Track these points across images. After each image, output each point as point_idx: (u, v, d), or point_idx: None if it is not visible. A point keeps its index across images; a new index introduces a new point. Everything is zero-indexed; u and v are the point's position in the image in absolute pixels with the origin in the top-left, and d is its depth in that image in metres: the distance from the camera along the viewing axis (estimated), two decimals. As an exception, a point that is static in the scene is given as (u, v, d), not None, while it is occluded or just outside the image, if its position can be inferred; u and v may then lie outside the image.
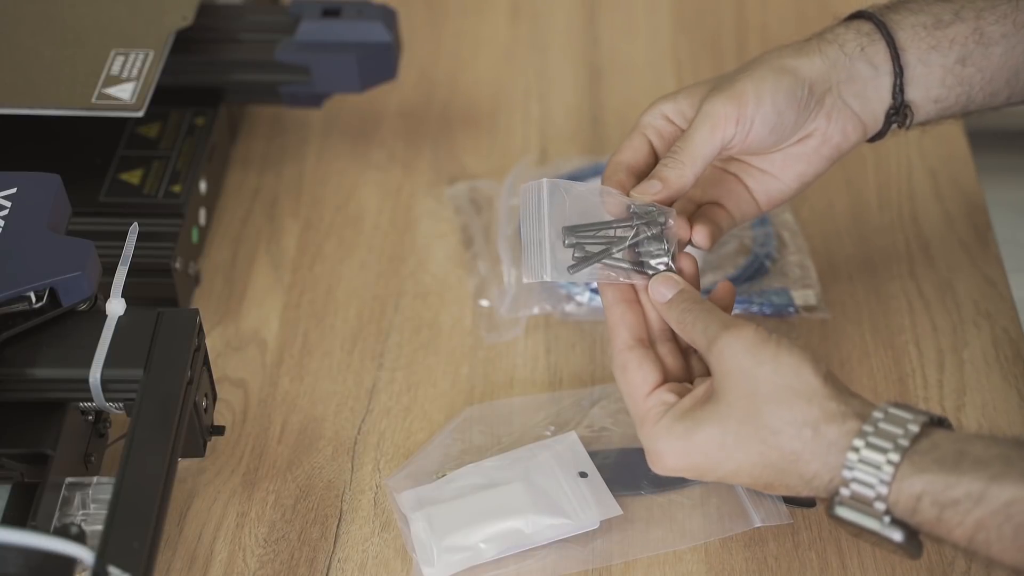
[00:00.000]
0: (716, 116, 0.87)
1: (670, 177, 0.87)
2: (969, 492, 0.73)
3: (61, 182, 0.85)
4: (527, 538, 0.85)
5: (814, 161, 0.91)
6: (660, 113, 0.91)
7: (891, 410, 0.76)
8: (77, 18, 1.04)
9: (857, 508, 0.76)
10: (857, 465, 0.75)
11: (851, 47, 0.89)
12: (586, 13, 1.28)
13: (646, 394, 0.82)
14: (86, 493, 0.79)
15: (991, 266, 1.03)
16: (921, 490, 0.74)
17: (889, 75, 0.90)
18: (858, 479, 0.75)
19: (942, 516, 0.73)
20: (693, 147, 0.87)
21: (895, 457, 0.74)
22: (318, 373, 0.98)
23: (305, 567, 0.87)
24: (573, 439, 0.91)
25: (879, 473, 0.75)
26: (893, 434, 0.75)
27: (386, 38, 1.06)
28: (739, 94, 0.87)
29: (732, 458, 0.78)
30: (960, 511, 0.73)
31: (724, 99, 0.87)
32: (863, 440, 0.75)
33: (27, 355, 0.80)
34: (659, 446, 0.80)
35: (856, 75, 0.89)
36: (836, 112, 0.90)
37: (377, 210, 1.10)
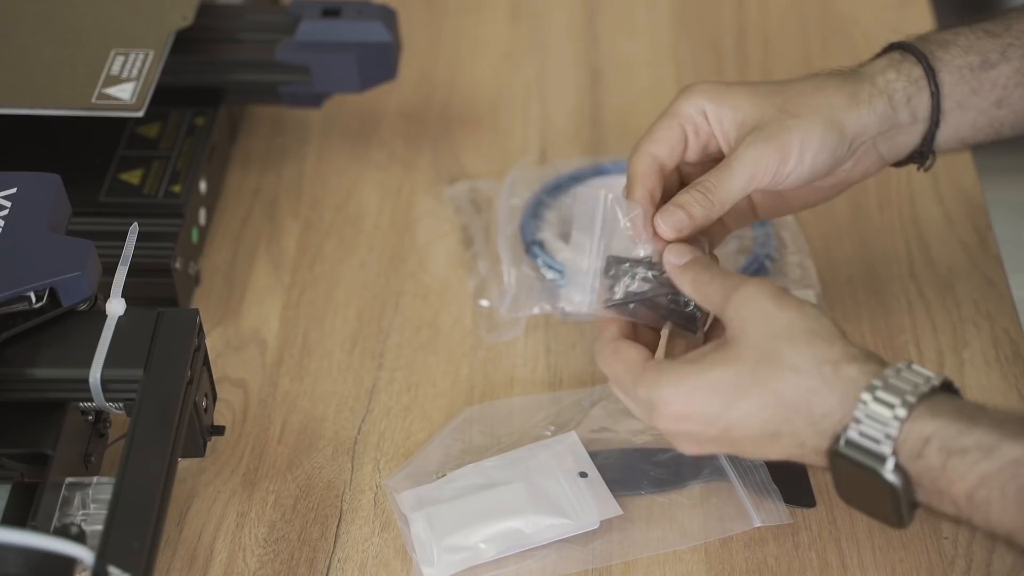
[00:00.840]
0: (757, 165, 0.85)
1: (698, 216, 0.85)
2: (980, 442, 0.72)
3: (61, 182, 0.85)
4: (527, 538, 0.85)
5: (827, 194, 0.91)
6: (701, 109, 0.88)
7: (913, 366, 0.76)
8: (77, 18, 1.04)
9: (862, 447, 0.74)
10: (871, 402, 0.74)
11: (899, 97, 0.87)
12: (586, 13, 1.28)
13: (643, 360, 0.81)
14: (86, 493, 0.79)
15: (991, 266, 1.03)
16: (931, 433, 0.73)
17: (925, 123, 0.88)
18: (871, 415, 0.74)
19: (947, 464, 0.72)
20: (728, 191, 0.85)
21: (911, 399, 0.74)
22: (318, 373, 0.98)
23: (305, 567, 0.87)
24: (573, 439, 0.90)
25: (892, 412, 0.74)
26: (913, 381, 0.75)
27: (386, 38, 1.06)
28: (785, 147, 0.85)
29: (743, 399, 0.76)
30: (967, 461, 0.72)
31: (769, 149, 0.85)
32: (882, 380, 0.75)
33: (27, 355, 0.80)
34: (663, 392, 0.78)
35: (896, 128, 0.88)
36: (864, 158, 0.89)
37: (377, 210, 1.10)
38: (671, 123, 0.88)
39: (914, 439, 0.73)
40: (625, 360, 0.82)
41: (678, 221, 0.85)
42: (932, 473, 0.73)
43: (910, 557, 0.85)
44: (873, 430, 0.74)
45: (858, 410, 0.74)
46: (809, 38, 1.24)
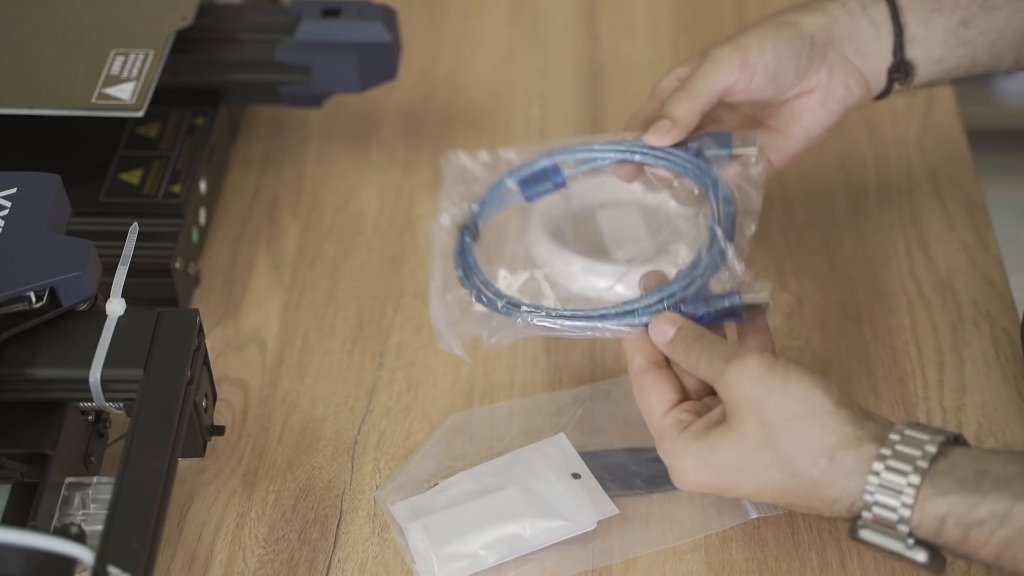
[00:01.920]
0: (720, 60, 0.91)
1: (677, 113, 0.91)
2: (993, 512, 0.73)
3: (61, 182, 0.85)
4: (526, 542, 0.85)
5: (820, 116, 0.95)
6: (676, 77, 0.95)
7: (907, 432, 0.76)
8: (77, 18, 1.04)
9: (880, 531, 0.76)
10: (878, 489, 0.75)
11: (853, 5, 0.93)
12: (586, 13, 1.28)
13: (662, 413, 0.83)
14: (86, 493, 0.79)
15: (991, 266, 1.03)
16: (945, 512, 0.74)
17: (890, 33, 0.93)
18: (880, 503, 0.75)
19: (968, 536, 0.73)
20: (697, 84, 0.91)
21: (915, 480, 0.74)
22: (318, 373, 0.98)
23: (305, 567, 0.87)
24: (562, 440, 0.90)
25: (901, 496, 0.74)
26: (912, 456, 0.75)
27: (386, 38, 1.06)
28: (743, 43, 0.92)
29: (752, 481, 0.79)
30: (985, 531, 0.73)
31: (728, 47, 0.92)
32: (882, 464, 0.75)
33: (27, 355, 0.80)
34: (677, 463, 0.81)
35: (857, 32, 0.93)
36: (838, 67, 0.93)
37: (377, 210, 1.10)
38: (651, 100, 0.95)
39: (929, 520, 0.74)
40: (648, 405, 0.84)
41: (663, 127, 0.91)
42: (955, 544, 0.75)
43: (910, 557, 0.85)
44: (887, 514, 0.75)
45: (867, 496, 0.76)
46: (809, 38, 1.24)
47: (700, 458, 0.80)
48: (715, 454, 0.79)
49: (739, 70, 0.91)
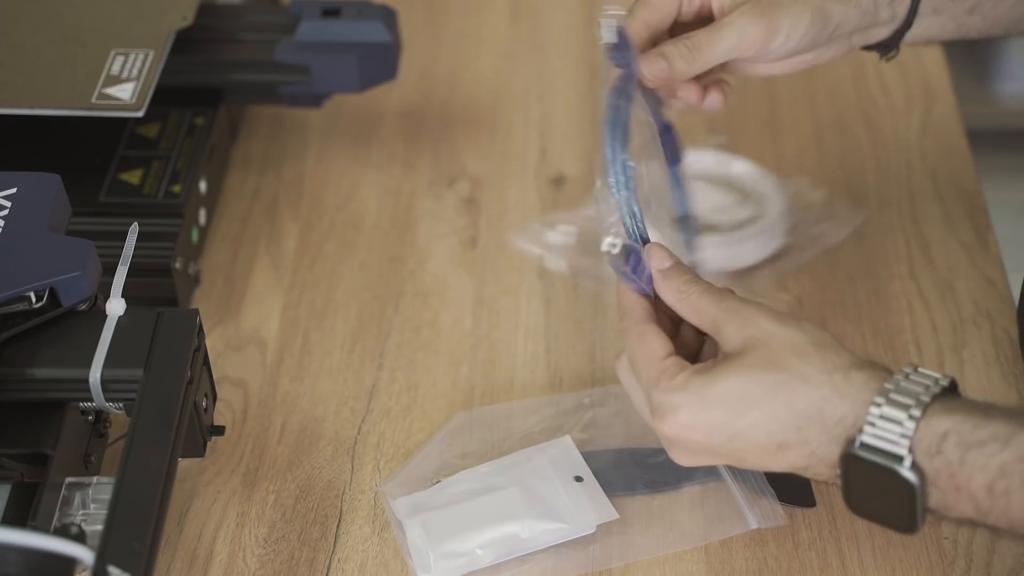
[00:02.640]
0: (744, 35, 0.88)
1: (677, 67, 0.88)
2: (997, 434, 0.72)
3: (61, 182, 0.85)
4: (524, 543, 0.85)
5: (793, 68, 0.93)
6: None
7: (920, 369, 0.77)
8: (77, 18, 1.04)
9: (877, 448, 0.75)
10: (884, 405, 0.75)
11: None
12: (586, 13, 1.28)
13: (663, 356, 0.81)
14: (86, 493, 0.79)
15: (991, 266, 1.03)
16: (948, 428, 0.73)
17: (900, 22, 0.91)
18: (885, 415, 0.74)
19: (965, 458, 0.73)
20: (711, 51, 0.88)
21: (925, 398, 0.74)
22: (318, 373, 0.98)
23: (305, 567, 0.87)
24: (567, 443, 0.90)
25: (907, 412, 0.74)
26: (924, 383, 0.75)
27: (386, 38, 1.06)
28: (774, 24, 0.88)
29: (752, 408, 0.77)
30: (985, 453, 0.72)
31: (759, 23, 0.88)
32: (894, 384, 0.75)
33: (27, 355, 0.80)
34: (674, 399, 0.78)
35: (875, 24, 0.91)
36: (836, 44, 0.92)
37: (377, 210, 1.10)
38: None
39: (931, 436, 0.74)
40: (648, 351, 0.81)
41: (660, 69, 0.88)
42: (951, 468, 0.73)
43: (910, 557, 0.85)
44: (888, 432, 0.74)
45: (871, 414, 0.75)
46: (809, 38, 1.24)
47: (700, 390, 0.78)
48: (718, 383, 0.77)
49: (757, 50, 0.88)
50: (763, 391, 0.77)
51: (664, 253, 0.83)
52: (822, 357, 0.77)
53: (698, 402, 0.78)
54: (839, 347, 0.78)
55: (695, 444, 0.79)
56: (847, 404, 0.76)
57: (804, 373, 0.77)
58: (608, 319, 1.00)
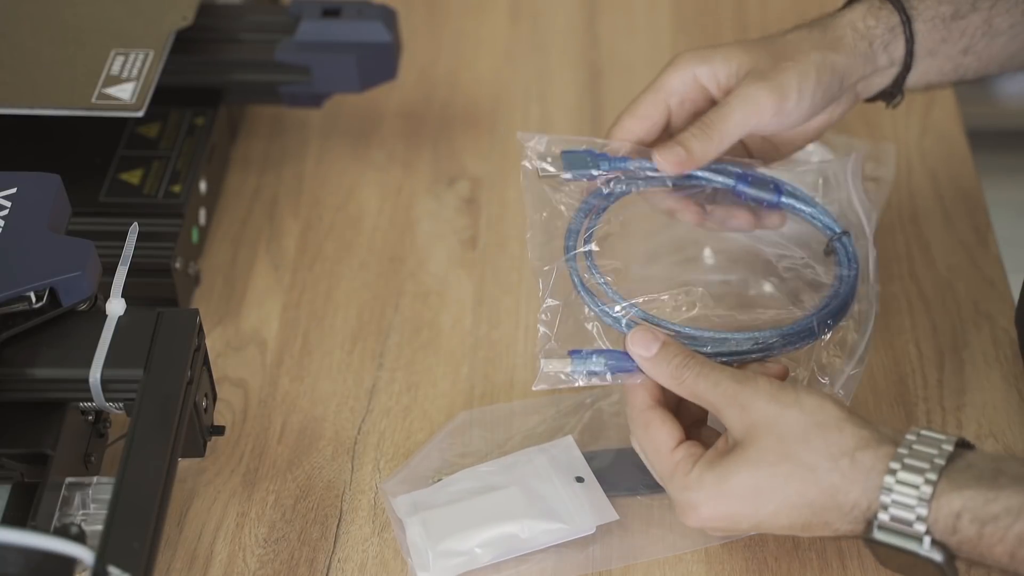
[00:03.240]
0: (755, 103, 0.87)
1: (695, 150, 0.87)
2: (1009, 507, 0.73)
3: (61, 182, 0.85)
4: (523, 543, 0.85)
5: (811, 136, 0.94)
6: (691, 77, 0.90)
7: (923, 432, 0.76)
8: (77, 18, 1.04)
9: (896, 531, 0.75)
10: (895, 487, 0.75)
11: (878, 44, 0.91)
12: (586, 13, 1.28)
13: (672, 448, 0.81)
14: (86, 493, 0.79)
15: (991, 266, 1.03)
16: (961, 507, 0.74)
17: (899, 67, 0.92)
18: (897, 501, 0.75)
19: (983, 532, 0.73)
20: (727, 127, 0.87)
21: (932, 476, 0.74)
22: (318, 373, 0.98)
23: (305, 567, 0.87)
24: (569, 443, 0.90)
25: (918, 492, 0.74)
26: (929, 454, 0.75)
27: (386, 38, 1.06)
28: (783, 88, 0.87)
29: (769, 501, 0.78)
30: (1001, 526, 0.73)
31: (768, 90, 0.87)
32: (899, 462, 0.75)
33: (27, 355, 0.80)
34: (692, 497, 0.79)
35: (876, 70, 0.92)
36: (846, 99, 0.92)
37: (377, 210, 1.10)
38: (655, 98, 0.91)
39: (945, 517, 0.74)
40: (655, 443, 0.82)
41: (677, 156, 0.87)
42: (970, 543, 0.74)
43: (910, 557, 0.85)
44: (904, 512, 0.75)
45: (884, 496, 0.75)
46: (809, 38, 1.24)
47: (715, 487, 0.78)
48: (731, 478, 0.78)
49: (772, 116, 0.87)
50: (774, 484, 0.77)
51: (648, 337, 0.83)
52: (826, 440, 0.77)
53: (715, 497, 0.79)
54: (842, 424, 0.77)
55: (724, 530, 0.82)
56: (858, 489, 0.76)
57: (811, 462, 0.77)
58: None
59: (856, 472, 0.76)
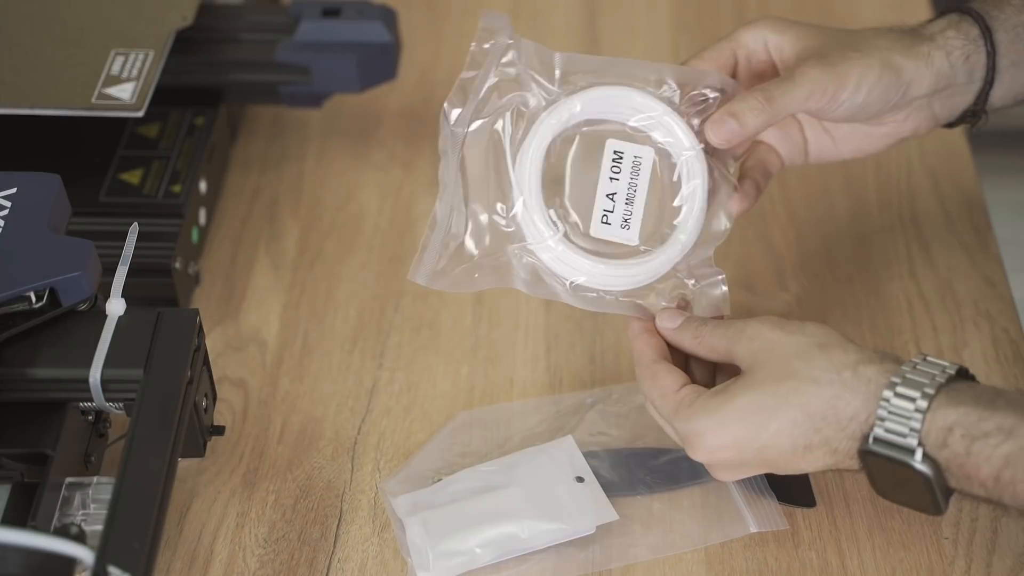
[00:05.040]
0: (814, 83, 0.86)
1: (749, 122, 0.86)
2: (1001, 425, 0.74)
3: (61, 182, 0.85)
4: (523, 543, 0.85)
5: (876, 144, 0.93)
6: (763, 39, 0.90)
7: (929, 357, 0.78)
8: (77, 18, 1.04)
9: (890, 442, 0.77)
10: (893, 399, 0.77)
11: (957, 55, 0.89)
12: (586, 13, 1.28)
13: (677, 389, 0.83)
14: (86, 493, 0.79)
15: (991, 266, 1.03)
16: (954, 421, 0.75)
17: (980, 82, 0.91)
18: (893, 413, 0.76)
19: (971, 449, 0.75)
20: (784, 101, 0.86)
21: (930, 390, 0.76)
22: (318, 373, 0.98)
23: (305, 567, 0.87)
24: (570, 443, 0.90)
25: (914, 405, 0.76)
26: (930, 373, 0.77)
27: (386, 38, 1.06)
28: (843, 75, 0.87)
29: (772, 418, 0.79)
30: (990, 444, 0.74)
31: (829, 73, 0.87)
32: (900, 377, 0.77)
33: (27, 355, 0.80)
34: (697, 424, 0.81)
35: (953, 85, 0.90)
36: (916, 113, 0.91)
37: (377, 210, 1.10)
38: (724, 46, 0.90)
39: (937, 429, 0.76)
40: (662, 388, 0.84)
41: (729, 131, 0.86)
42: (958, 459, 0.75)
43: (910, 557, 0.85)
44: (898, 425, 0.76)
45: (881, 408, 0.77)
46: (809, 38, 1.24)
47: (719, 411, 0.80)
48: (736, 399, 0.80)
49: (828, 101, 0.87)
50: (777, 400, 0.79)
51: (675, 313, 0.86)
52: (828, 357, 0.79)
53: (719, 422, 0.80)
54: (845, 344, 0.80)
55: (729, 461, 0.82)
56: (859, 400, 0.78)
57: (813, 375, 0.79)
58: (608, 319, 1.00)
59: (858, 383, 0.78)
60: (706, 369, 0.87)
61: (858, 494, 0.88)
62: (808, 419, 0.79)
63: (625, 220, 0.87)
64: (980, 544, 0.85)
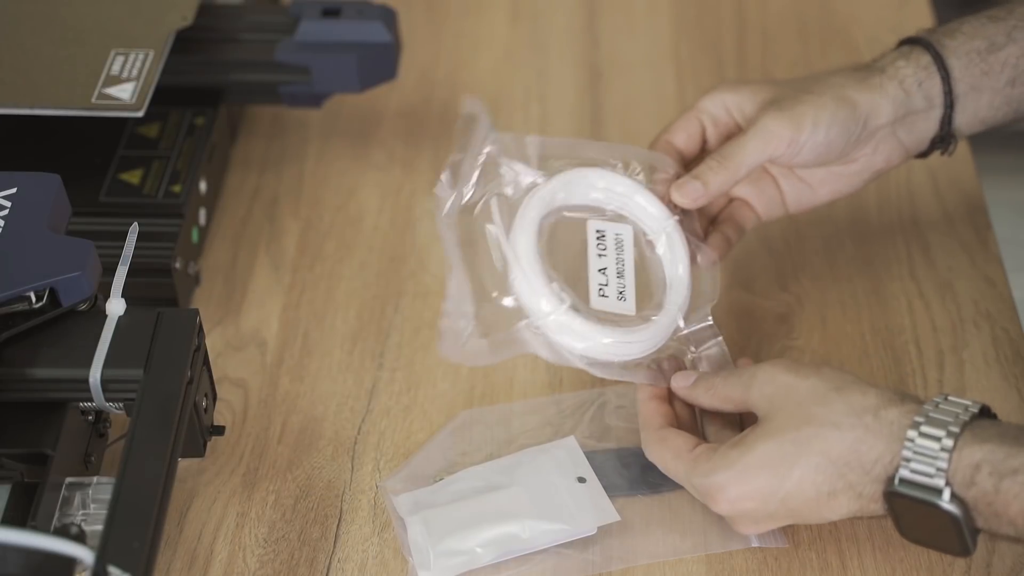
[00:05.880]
0: (770, 133, 0.88)
1: (712, 181, 0.88)
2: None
3: (61, 182, 0.85)
4: (524, 543, 0.85)
5: (853, 182, 0.94)
6: (722, 103, 0.92)
7: (950, 397, 0.78)
8: (77, 18, 1.04)
9: (916, 483, 0.76)
10: (918, 439, 0.76)
11: (910, 83, 0.91)
12: (586, 13, 1.28)
13: (691, 448, 0.83)
14: (86, 493, 0.79)
15: (991, 266, 1.03)
16: (980, 459, 0.75)
17: (940, 107, 0.92)
18: (919, 453, 0.76)
19: (1000, 487, 0.74)
20: (742, 156, 0.88)
21: (955, 429, 0.76)
22: (318, 373, 0.98)
23: (305, 567, 0.87)
24: (572, 444, 0.90)
25: (939, 445, 0.75)
26: (954, 412, 0.77)
27: (386, 38, 1.06)
28: (798, 117, 0.88)
29: (794, 466, 0.78)
30: (1018, 481, 0.74)
31: (782, 119, 0.89)
32: (924, 417, 0.77)
33: (27, 355, 0.80)
34: (717, 478, 0.80)
35: (911, 111, 0.92)
36: (884, 144, 0.92)
37: (377, 210, 1.10)
38: (689, 116, 0.93)
39: (964, 467, 0.75)
40: (674, 449, 0.84)
41: (693, 191, 0.88)
42: (987, 498, 0.75)
43: (910, 557, 0.85)
44: (924, 465, 0.76)
45: (906, 449, 0.76)
46: (809, 38, 1.24)
47: (739, 462, 0.79)
48: (755, 449, 0.79)
49: (787, 146, 0.89)
50: (798, 448, 0.78)
51: (684, 373, 0.87)
52: (847, 401, 0.79)
53: (740, 473, 0.80)
54: (863, 387, 0.79)
55: (753, 512, 0.81)
56: (882, 443, 0.77)
57: (833, 420, 0.78)
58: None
59: (880, 426, 0.77)
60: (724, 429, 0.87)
61: (858, 494, 0.88)
62: (831, 465, 0.78)
63: (620, 292, 0.89)
64: (980, 544, 0.85)
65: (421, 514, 0.86)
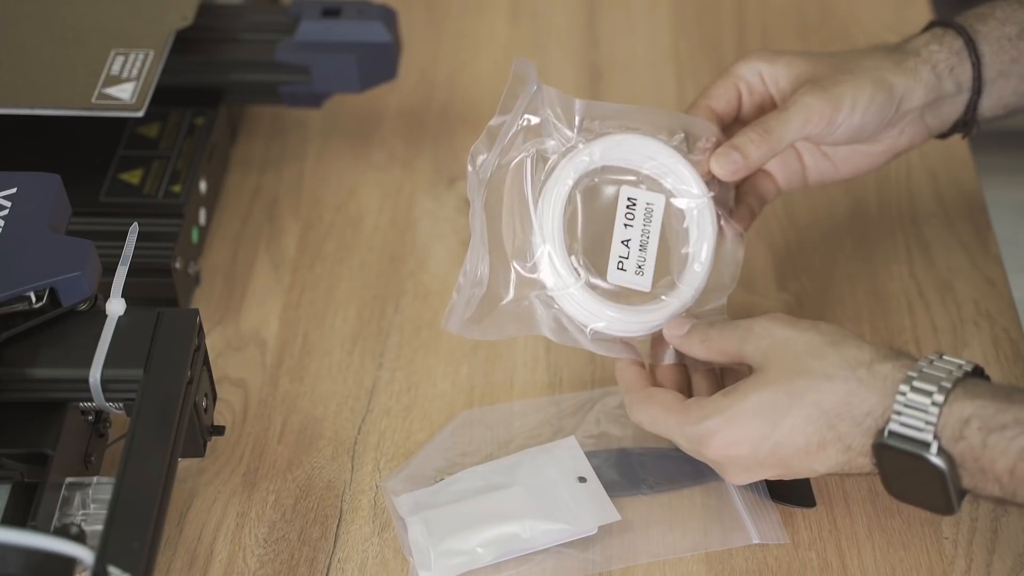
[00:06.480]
0: (811, 111, 0.89)
1: (753, 154, 0.88)
2: (1018, 418, 0.74)
3: (61, 182, 0.85)
4: (524, 543, 0.85)
5: (875, 161, 0.95)
6: (757, 71, 0.92)
7: (945, 356, 0.79)
8: (77, 18, 1.04)
9: (906, 436, 0.77)
10: (909, 393, 0.77)
11: (942, 68, 0.91)
12: (586, 13, 1.28)
13: (680, 400, 0.84)
14: (86, 493, 0.79)
15: (991, 266, 1.03)
16: (970, 414, 0.75)
17: (968, 92, 0.93)
18: (910, 404, 0.77)
19: (988, 441, 0.75)
20: (783, 131, 0.89)
21: (947, 384, 0.77)
22: (318, 373, 0.98)
23: (305, 567, 0.87)
24: (572, 443, 0.90)
25: (930, 399, 0.76)
26: (947, 369, 0.78)
27: (386, 38, 1.06)
28: (837, 98, 0.89)
29: (786, 415, 0.79)
30: (1006, 436, 0.74)
31: (823, 98, 0.89)
32: (918, 372, 0.77)
33: (27, 355, 0.80)
34: (709, 423, 0.81)
35: (941, 96, 0.92)
36: (910, 126, 0.93)
37: (377, 210, 1.10)
38: (727, 81, 0.93)
39: (954, 422, 0.76)
40: (664, 403, 0.84)
41: (733, 162, 0.88)
42: (974, 452, 0.75)
43: (910, 557, 0.85)
44: (914, 419, 0.77)
45: (897, 402, 0.77)
46: (809, 38, 1.24)
47: (731, 409, 0.80)
48: (748, 398, 0.80)
49: (825, 124, 0.89)
50: (791, 398, 0.79)
51: (681, 321, 0.87)
52: (842, 354, 0.79)
53: (732, 420, 0.80)
54: (859, 342, 0.80)
55: (742, 460, 0.82)
56: (875, 396, 0.78)
57: (827, 372, 0.79)
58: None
59: (873, 379, 0.78)
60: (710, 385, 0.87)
61: (858, 494, 0.88)
62: (823, 415, 0.79)
63: (639, 266, 0.89)
64: (980, 544, 0.85)
65: (422, 514, 0.86)
